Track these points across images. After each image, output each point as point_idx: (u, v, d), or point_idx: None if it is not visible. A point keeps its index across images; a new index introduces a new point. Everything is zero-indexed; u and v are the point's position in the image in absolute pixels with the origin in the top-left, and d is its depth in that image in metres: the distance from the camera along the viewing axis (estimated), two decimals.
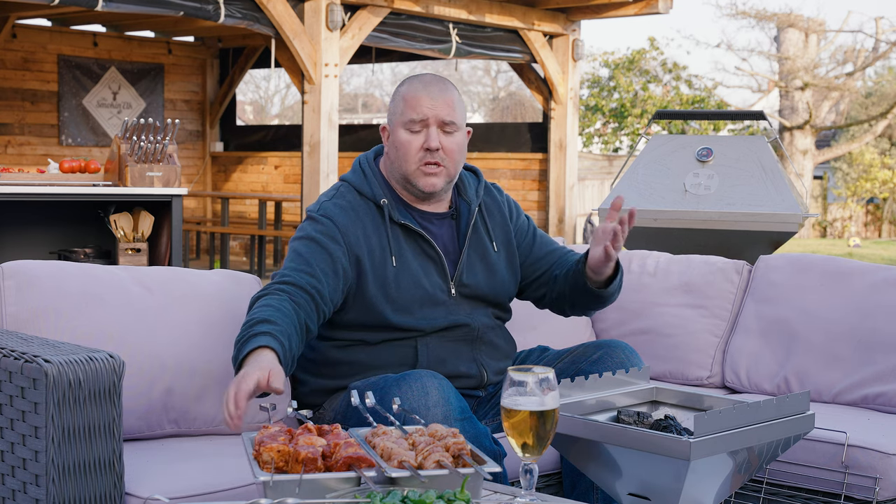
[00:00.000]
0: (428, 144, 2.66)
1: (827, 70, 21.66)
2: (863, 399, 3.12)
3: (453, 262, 2.76)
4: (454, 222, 2.80)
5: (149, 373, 2.56)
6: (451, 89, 2.72)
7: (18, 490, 2.16)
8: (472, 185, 2.86)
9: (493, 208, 2.88)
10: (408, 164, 2.69)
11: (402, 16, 9.87)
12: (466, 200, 2.82)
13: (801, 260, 3.43)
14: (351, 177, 2.78)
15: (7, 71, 11.88)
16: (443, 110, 2.67)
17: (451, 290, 2.72)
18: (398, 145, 2.70)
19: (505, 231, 2.87)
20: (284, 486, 1.88)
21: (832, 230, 21.92)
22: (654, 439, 2.06)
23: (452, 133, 2.69)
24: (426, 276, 2.70)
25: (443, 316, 2.70)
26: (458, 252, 2.77)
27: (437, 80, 2.72)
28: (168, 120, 5.92)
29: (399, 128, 2.69)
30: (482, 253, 2.79)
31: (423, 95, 2.67)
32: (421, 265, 2.70)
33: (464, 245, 2.77)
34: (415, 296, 2.67)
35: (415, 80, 2.73)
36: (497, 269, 2.80)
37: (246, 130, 14.68)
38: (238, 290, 2.80)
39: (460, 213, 2.81)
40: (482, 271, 2.78)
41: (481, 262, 2.78)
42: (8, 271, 2.55)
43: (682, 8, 61.28)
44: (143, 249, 5.90)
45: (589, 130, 21.58)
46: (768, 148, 6.07)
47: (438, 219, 2.78)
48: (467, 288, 2.74)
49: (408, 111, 2.67)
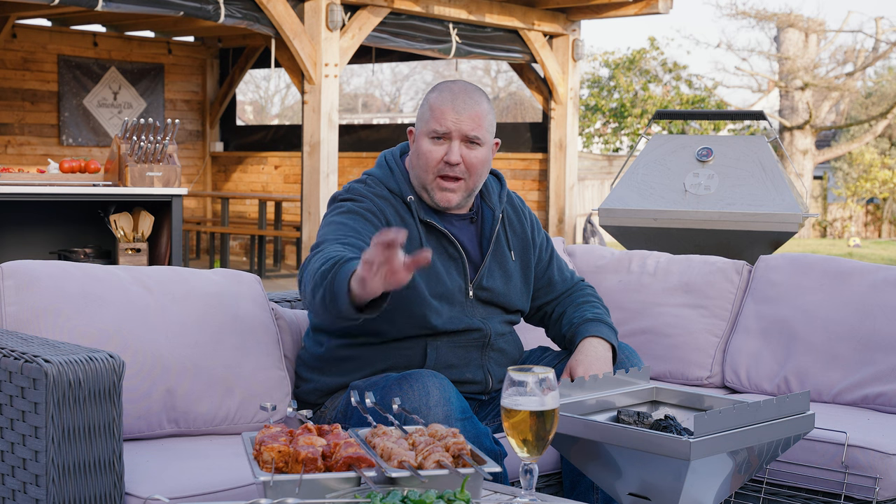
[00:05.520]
0: (448, 158, 2.62)
1: (827, 70, 21.67)
2: (863, 399, 3.12)
3: (474, 266, 2.74)
4: (474, 226, 2.78)
5: (149, 373, 2.55)
6: (480, 101, 2.65)
7: (18, 490, 2.17)
8: (496, 191, 2.83)
9: (515, 220, 2.86)
10: (426, 174, 2.66)
11: (402, 16, 9.87)
12: (490, 206, 2.80)
13: (801, 260, 3.43)
14: (377, 172, 2.75)
15: (7, 71, 11.88)
16: (467, 125, 2.62)
17: (469, 291, 2.71)
18: (420, 153, 2.66)
19: (524, 244, 2.85)
20: (284, 486, 1.88)
21: (832, 230, 21.92)
22: (654, 439, 2.06)
23: (476, 147, 2.64)
24: (447, 274, 2.68)
25: (458, 316, 2.67)
26: (478, 254, 2.76)
27: (466, 92, 2.66)
28: (168, 120, 5.92)
29: (423, 136, 2.66)
30: (501, 260, 2.78)
31: (448, 108, 2.62)
32: (443, 264, 2.68)
33: (487, 248, 2.75)
34: (435, 290, 2.64)
35: (444, 89, 2.67)
36: (513, 277, 2.80)
37: (246, 130, 14.68)
38: (238, 290, 2.80)
39: (483, 217, 2.79)
40: (500, 277, 2.77)
41: (500, 269, 2.77)
42: (8, 271, 2.55)
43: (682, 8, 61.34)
44: (143, 249, 5.91)
45: (589, 130, 21.59)
46: (768, 148, 6.07)
47: (459, 220, 2.76)
48: (485, 292, 2.73)
49: (432, 121, 2.63)
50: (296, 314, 2.98)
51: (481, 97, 2.67)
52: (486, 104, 2.67)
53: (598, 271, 3.67)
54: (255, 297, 2.83)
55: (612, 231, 6.17)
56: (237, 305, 2.76)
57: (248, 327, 2.75)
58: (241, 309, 2.76)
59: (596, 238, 7.60)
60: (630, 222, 6.05)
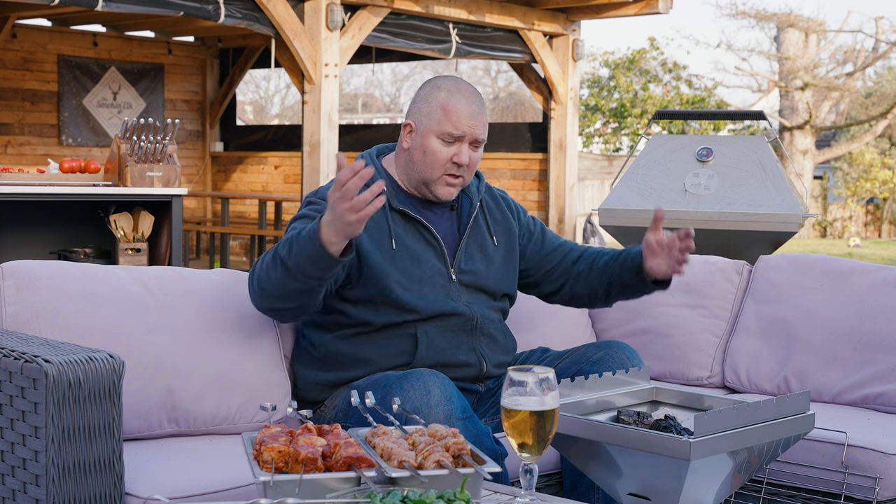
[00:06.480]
0: (459, 160, 2.70)
1: (827, 70, 21.68)
2: (863, 399, 3.12)
3: (452, 250, 2.80)
4: (454, 214, 2.85)
5: (149, 373, 2.55)
6: (483, 104, 2.76)
7: (18, 490, 2.16)
8: (474, 182, 2.91)
9: (495, 207, 2.93)
10: (432, 172, 2.72)
11: (402, 16, 9.87)
12: (468, 195, 2.87)
13: (801, 260, 3.43)
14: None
15: (7, 71, 11.88)
16: (479, 129, 2.72)
17: (451, 275, 2.76)
18: (427, 152, 2.71)
19: (507, 228, 2.91)
20: (284, 486, 1.88)
21: (832, 230, 21.92)
22: (654, 439, 2.07)
23: (478, 149, 2.76)
24: (425, 259, 2.74)
25: (442, 300, 2.72)
26: (457, 242, 2.82)
27: (476, 96, 2.75)
28: (168, 120, 5.92)
29: (432, 135, 2.71)
30: (481, 244, 2.84)
31: (464, 112, 2.70)
32: (419, 250, 2.74)
33: (464, 234, 2.81)
34: (415, 274, 2.70)
35: (455, 92, 2.73)
36: (494, 261, 2.85)
37: (246, 130, 14.67)
38: (238, 290, 2.80)
39: (461, 206, 2.86)
40: (481, 260, 2.82)
41: (480, 253, 2.83)
42: (8, 271, 2.55)
43: (682, 8, 61.33)
44: (143, 249, 5.90)
45: (589, 130, 21.59)
46: (768, 148, 6.07)
47: (439, 209, 2.82)
48: (466, 275, 2.78)
49: (446, 123, 2.69)
50: None
51: (482, 99, 2.78)
52: (486, 108, 2.78)
53: None
54: None
55: (612, 231, 6.18)
56: (237, 305, 2.76)
57: (248, 327, 2.75)
58: (241, 309, 2.76)
59: (596, 238, 7.60)
60: (630, 222, 6.05)
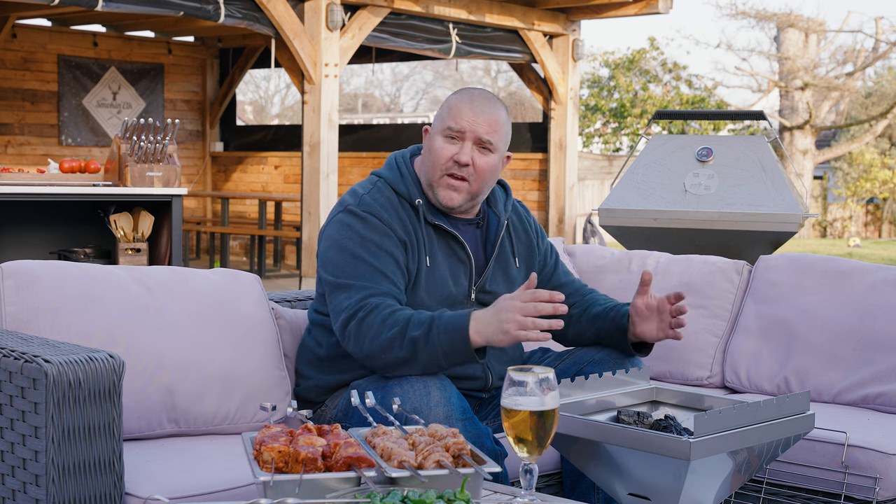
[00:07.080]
0: (458, 157, 2.65)
1: (827, 70, 21.68)
2: (863, 399, 3.12)
3: (479, 268, 2.76)
4: (479, 231, 2.81)
5: (149, 373, 2.55)
6: (499, 109, 2.70)
7: (18, 490, 2.17)
8: (501, 199, 2.86)
9: (520, 228, 2.89)
10: (434, 171, 2.68)
11: (402, 16, 9.87)
12: (496, 212, 2.83)
13: (801, 260, 3.43)
14: (387, 173, 2.75)
15: (7, 71, 11.88)
16: (482, 127, 2.66)
17: (471, 294, 2.72)
18: (431, 149, 2.69)
19: (529, 252, 2.88)
20: (284, 486, 1.88)
21: (832, 230, 21.92)
22: (654, 439, 2.07)
23: (487, 153, 2.67)
24: (454, 278, 2.70)
25: None
26: (482, 259, 2.78)
27: (486, 98, 2.70)
28: (168, 120, 5.92)
29: (438, 134, 2.69)
30: (505, 267, 2.80)
31: (466, 108, 2.66)
32: (450, 267, 2.70)
33: (492, 253, 2.77)
34: (441, 296, 2.67)
35: (465, 92, 2.72)
36: (516, 284, 2.80)
37: (246, 130, 14.68)
38: (238, 290, 2.80)
39: (488, 223, 2.82)
40: (503, 282, 2.78)
41: (503, 276, 2.79)
42: (8, 271, 2.55)
43: (682, 8, 61.33)
44: (143, 249, 5.90)
45: (589, 130, 21.59)
46: (768, 148, 6.07)
47: (465, 224, 2.78)
48: (487, 296, 2.74)
49: (448, 119, 2.67)
50: (296, 314, 2.98)
51: (501, 107, 2.72)
52: (504, 114, 2.72)
53: (598, 271, 3.67)
54: (255, 297, 2.83)
55: (612, 231, 6.18)
56: (237, 305, 2.76)
57: (248, 327, 2.75)
58: (241, 309, 2.76)
59: (596, 238, 7.60)
60: (630, 222, 6.05)
